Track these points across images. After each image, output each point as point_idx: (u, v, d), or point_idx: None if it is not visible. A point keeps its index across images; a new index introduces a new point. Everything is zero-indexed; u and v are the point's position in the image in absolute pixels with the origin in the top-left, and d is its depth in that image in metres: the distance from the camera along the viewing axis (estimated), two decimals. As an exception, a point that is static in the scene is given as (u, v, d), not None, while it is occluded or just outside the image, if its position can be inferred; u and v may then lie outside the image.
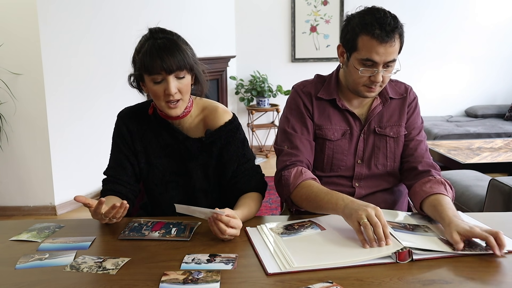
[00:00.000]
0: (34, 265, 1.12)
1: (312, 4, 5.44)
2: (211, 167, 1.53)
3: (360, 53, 1.40)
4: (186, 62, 1.36)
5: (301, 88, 1.59)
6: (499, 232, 1.15)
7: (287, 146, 1.52)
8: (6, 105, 3.49)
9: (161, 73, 1.34)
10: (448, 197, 1.36)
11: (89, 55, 3.74)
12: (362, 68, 1.41)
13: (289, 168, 1.47)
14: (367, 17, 1.39)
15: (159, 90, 1.37)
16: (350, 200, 1.26)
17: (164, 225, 1.34)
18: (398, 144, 1.56)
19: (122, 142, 1.53)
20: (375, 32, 1.36)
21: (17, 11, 3.38)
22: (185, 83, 1.39)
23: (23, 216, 3.62)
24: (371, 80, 1.43)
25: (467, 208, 2.46)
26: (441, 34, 5.45)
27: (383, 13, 1.39)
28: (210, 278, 1.03)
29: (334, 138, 1.54)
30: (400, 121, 1.57)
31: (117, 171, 1.51)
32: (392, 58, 1.40)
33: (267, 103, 5.40)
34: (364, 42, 1.39)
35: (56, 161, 3.59)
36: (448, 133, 4.66)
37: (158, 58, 1.33)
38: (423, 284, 1.01)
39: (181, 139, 1.51)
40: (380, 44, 1.37)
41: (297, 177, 1.43)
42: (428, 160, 1.53)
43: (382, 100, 1.56)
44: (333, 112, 1.55)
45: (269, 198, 3.86)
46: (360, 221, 1.16)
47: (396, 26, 1.38)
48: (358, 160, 1.55)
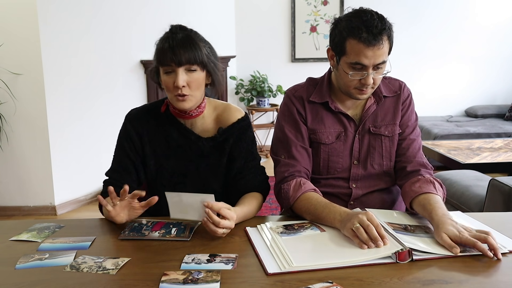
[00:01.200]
0: (34, 265, 1.12)
1: (312, 4, 5.44)
2: (221, 167, 1.54)
3: (349, 57, 1.39)
4: (197, 57, 1.37)
5: (292, 93, 1.58)
6: (488, 236, 1.14)
7: (284, 156, 1.52)
8: (6, 105, 3.49)
9: (171, 65, 1.37)
10: (437, 196, 1.36)
11: (89, 55, 3.74)
12: (352, 71, 1.40)
13: (287, 180, 1.47)
14: (353, 20, 1.38)
15: (169, 82, 1.39)
16: (346, 213, 1.27)
17: (164, 225, 1.34)
18: (394, 143, 1.56)
19: (129, 146, 1.52)
20: (362, 35, 1.34)
21: (17, 11, 3.38)
22: (196, 77, 1.39)
23: (23, 216, 3.62)
24: (361, 83, 1.42)
25: (467, 208, 2.46)
26: (441, 34, 5.45)
27: (369, 15, 1.37)
28: (210, 278, 1.03)
29: (328, 141, 1.54)
30: (394, 120, 1.56)
31: (122, 175, 1.50)
32: (381, 60, 1.38)
33: (267, 103, 5.40)
34: (352, 46, 1.37)
35: (56, 161, 3.59)
36: (448, 133, 4.66)
37: (170, 50, 1.36)
38: (423, 284, 1.01)
39: (194, 139, 1.51)
40: (367, 47, 1.35)
41: (296, 189, 1.43)
42: (420, 160, 1.53)
43: (376, 99, 1.55)
44: (327, 115, 1.54)
45: (269, 198, 3.86)
46: (353, 227, 1.18)
47: (383, 28, 1.36)
48: (354, 161, 1.55)
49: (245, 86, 5.45)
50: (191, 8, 4.63)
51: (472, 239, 1.14)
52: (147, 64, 4.19)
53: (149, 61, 4.15)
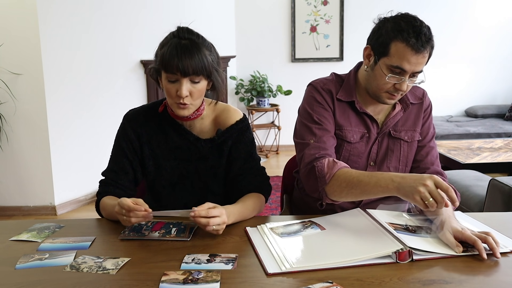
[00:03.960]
0: (34, 265, 1.12)
1: (312, 4, 5.43)
2: (221, 168, 1.53)
3: (391, 59, 1.36)
4: (204, 68, 1.35)
5: (321, 85, 1.54)
6: (488, 237, 1.14)
7: (313, 140, 1.46)
8: (6, 105, 3.49)
9: (176, 74, 1.33)
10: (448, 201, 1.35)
11: (89, 55, 3.74)
12: (390, 74, 1.37)
13: (319, 159, 1.40)
14: (402, 23, 1.35)
15: (172, 89, 1.36)
16: (400, 177, 1.22)
17: (164, 225, 1.34)
18: (411, 149, 1.55)
19: (128, 146, 1.51)
20: (411, 40, 1.32)
21: (17, 11, 3.38)
22: (199, 88, 1.38)
23: (23, 216, 3.62)
24: (395, 88, 1.40)
25: (467, 208, 2.46)
26: (441, 34, 5.42)
27: (419, 22, 1.36)
28: (210, 278, 1.03)
29: (353, 140, 1.51)
30: (415, 126, 1.55)
31: (119, 176, 1.50)
32: (420, 68, 1.37)
33: (267, 103, 5.40)
34: (397, 48, 1.35)
35: (56, 161, 3.59)
36: (448, 133, 4.66)
37: (177, 58, 1.32)
38: (423, 284, 1.01)
39: (192, 140, 1.50)
40: (413, 53, 1.33)
41: (331, 167, 1.37)
42: (437, 168, 1.53)
43: (403, 106, 1.54)
44: (352, 114, 1.52)
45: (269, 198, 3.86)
46: (426, 201, 1.14)
47: (430, 38, 1.35)
48: (371, 162, 1.54)
49: (245, 86, 5.45)
50: (191, 8, 4.63)
51: (473, 236, 1.14)
52: (147, 64, 4.19)
53: (149, 61, 4.15)
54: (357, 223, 1.32)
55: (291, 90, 5.37)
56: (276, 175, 4.34)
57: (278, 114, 5.48)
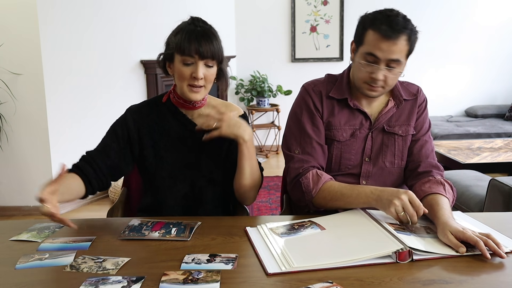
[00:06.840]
0: (34, 265, 1.12)
1: (312, 4, 5.44)
2: (221, 157, 1.56)
3: (365, 47, 1.42)
4: (219, 53, 1.44)
5: (311, 87, 1.58)
6: (488, 240, 1.14)
7: (298, 151, 1.52)
8: (6, 105, 3.49)
9: (194, 56, 1.40)
10: (445, 198, 1.36)
11: (90, 55, 3.74)
12: (364, 62, 1.42)
13: (304, 174, 1.47)
14: (378, 15, 1.42)
15: (187, 72, 1.42)
16: (379, 190, 1.32)
17: (164, 225, 1.34)
18: (406, 143, 1.57)
19: (122, 134, 1.52)
20: (381, 27, 1.37)
21: (17, 11, 3.38)
22: (212, 72, 1.45)
23: (23, 216, 3.62)
24: (372, 78, 1.43)
25: (467, 208, 2.46)
26: (441, 34, 5.45)
27: (395, 13, 1.41)
28: (210, 278, 1.03)
29: (342, 139, 1.54)
30: (409, 121, 1.57)
31: (100, 155, 1.50)
32: (395, 57, 1.39)
33: (267, 103, 5.40)
34: (370, 36, 1.40)
35: (56, 161, 3.59)
36: (448, 133, 4.66)
37: (196, 41, 1.39)
38: (423, 284, 1.01)
39: (194, 129, 1.52)
40: (384, 39, 1.37)
41: (315, 181, 1.45)
42: (432, 161, 1.54)
43: (397, 103, 1.56)
44: (343, 112, 1.55)
45: (269, 198, 3.86)
46: (399, 214, 1.25)
47: (404, 27, 1.38)
48: (366, 158, 1.55)
49: (245, 86, 5.45)
50: (191, 8, 4.62)
51: (474, 237, 1.14)
52: (147, 64, 4.19)
53: (149, 61, 4.16)
54: (357, 223, 1.32)
55: (291, 90, 5.37)
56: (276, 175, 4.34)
57: (278, 114, 5.48)
